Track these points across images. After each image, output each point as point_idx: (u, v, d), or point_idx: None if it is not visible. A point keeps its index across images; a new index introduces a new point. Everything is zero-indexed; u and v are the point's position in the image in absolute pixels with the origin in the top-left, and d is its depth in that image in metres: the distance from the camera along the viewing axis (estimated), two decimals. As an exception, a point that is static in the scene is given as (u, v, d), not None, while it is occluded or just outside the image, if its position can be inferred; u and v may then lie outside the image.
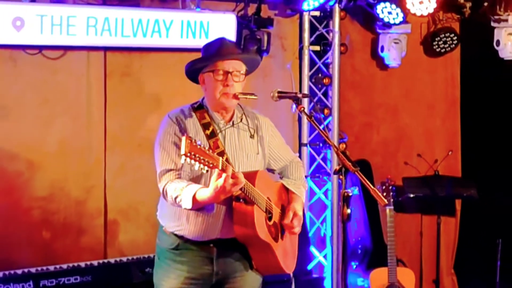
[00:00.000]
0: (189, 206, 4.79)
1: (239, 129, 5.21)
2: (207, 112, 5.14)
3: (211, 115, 5.14)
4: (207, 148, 4.57)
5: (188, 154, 4.43)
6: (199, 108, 5.19)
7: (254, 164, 5.16)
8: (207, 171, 4.59)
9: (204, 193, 4.75)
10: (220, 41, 5.24)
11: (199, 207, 4.84)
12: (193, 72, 5.20)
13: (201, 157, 4.49)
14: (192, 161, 4.47)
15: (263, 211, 5.08)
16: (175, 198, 4.86)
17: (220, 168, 4.58)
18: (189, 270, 5.13)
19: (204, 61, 5.15)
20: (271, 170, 5.47)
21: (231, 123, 5.17)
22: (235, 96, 5.06)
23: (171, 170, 4.99)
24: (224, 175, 4.59)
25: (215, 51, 5.14)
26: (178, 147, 4.89)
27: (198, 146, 4.49)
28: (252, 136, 5.22)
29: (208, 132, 5.07)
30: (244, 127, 5.23)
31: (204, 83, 5.15)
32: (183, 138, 4.45)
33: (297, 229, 5.31)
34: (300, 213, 5.33)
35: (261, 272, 5.31)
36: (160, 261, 5.29)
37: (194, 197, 4.77)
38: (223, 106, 5.10)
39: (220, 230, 5.05)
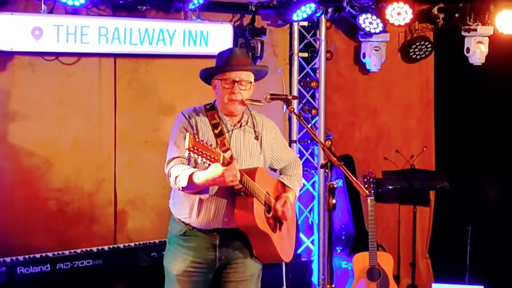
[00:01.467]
0: (184, 184, 4.80)
1: (245, 130, 5.22)
2: (217, 114, 5.16)
3: (220, 116, 5.16)
4: (209, 144, 4.60)
5: (192, 149, 4.46)
6: (211, 109, 5.21)
7: (256, 163, 5.18)
8: (209, 164, 4.63)
9: (201, 176, 4.76)
10: (231, 52, 5.24)
11: (193, 188, 4.85)
12: (207, 76, 5.23)
13: (204, 152, 4.51)
14: (195, 155, 4.50)
15: (262, 204, 5.09)
16: (176, 177, 4.89)
17: (221, 162, 4.61)
18: (194, 255, 5.14)
19: (216, 69, 5.17)
20: (273, 170, 5.50)
21: (238, 125, 5.19)
22: (242, 102, 5.08)
23: (178, 157, 5.01)
24: (223, 168, 4.63)
25: (226, 61, 5.15)
26: None
27: (201, 142, 4.52)
28: (256, 138, 5.24)
29: (216, 131, 5.09)
30: (250, 129, 5.25)
31: (215, 88, 5.17)
32: (187, 134, 4.48)
33: (287, 214, 5.29)
34: (292, 201, 5.34)
35: (261, 259, 5.32)
36: (170, 245, 5.29)
37: (190, 177, 4.78)
38: (230, 111, 5.13)
39: (221, 220, 5.07)
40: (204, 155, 4.53)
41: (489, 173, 8.98)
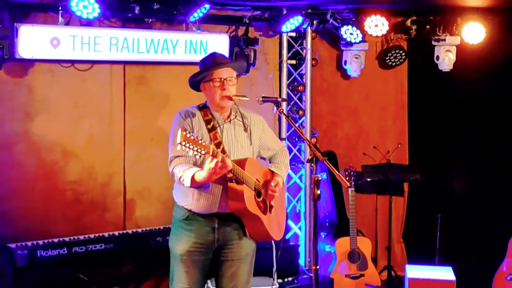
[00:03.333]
0: (188, 184, 4.90)
1: (235, 124, 5.27)
2: (209, 111, 5.21)
3: (212, 113, 5.21)
4: (200, 138, 4.65)
5: (183, 143, 4.53)
6: (203, 108, 5.26)
7: (246, 153, 5.24)
8: (200, 156, 4.69)
9: (200, 174, 4.84)
10: (213, 55, 5.32)
11: (197, 185, 4.95)
12: (195, 83, 5.28)
13: (194, 146, 4.57)
14: (187, 149, 4.56)
15: (252, 190, 5.14)
16: (179, 178, 4.95)
17: (210, 154, 4.67)
18: (196, 236, 5.20)
19: (202, 73, 5.21)
20: (263, 158, 5.54)
21: (228, 120, 5.24)
22: (230, 98, 5.14)
23: (178, 156, 5.06)
24: (215, 160, 4.68)
25: (210, 63, 5.22)
26: None
27: (192, 137, 4.58)
28: (245, 130, 5.28)
29: (209, 126, 5.14)
30: (239, 123, 5.29)
31: (205, 90, 5.22)
32: (179, 130, 4.54)
33: (276, 193, 5.36)
34: (281, 183, 5.39)
35: (254, 239, 5.37)
36: (174, 229, 5.33)
37: (192, 177, 4.86)
38: (222, 107, 5.18)
39: (218, 205, 5.12)
40: (194, 149, 4.59)
41: (456, 167, 9.02)
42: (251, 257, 5.43)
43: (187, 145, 4.56)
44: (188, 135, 4.57)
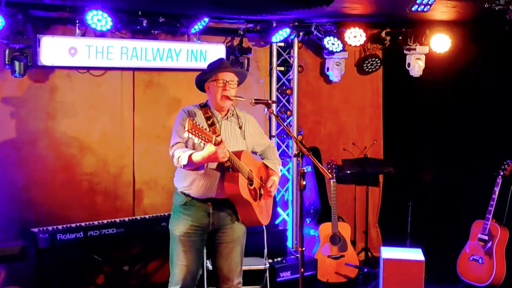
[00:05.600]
0: (185, 162, 4.94)
1: (231, 122, 5.34)
2: (209, 109, 5.28)
3: (212, 111, 5.28)
4: (204, 128, 4.74)
5: (190, 131, 4.61)
6: (204, 106, 5.32)
7: (240, 147, 5.31)
8: (204, 144, 4.76)
9: (198, 155, 4.90)
10: (221, 60, 5.41)
11: (192, 165, 4.98)
12: (201, 83, 5.35)
13: (199, 133, 4.67)
14: (193, 136, 4.64)
15: (246, 178, 5.21)
16: (178, 157, 5.00)
17: (213, 142, 4.76)
18: (193, 220, 5.26)
19: (209, 72, 5.29)
20: (255, 153, 5.60)
21: (226, 117, 5.32)
22: (229, 98, 5.22)
23: (179, 142, 5.13)
24: (215, 147, 4.78)
25: (217, 66, 5.30)
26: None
27: (198, 126, 4.67)
28: (240, 128, 5.36)
29: (209, 122, 5.19)
30: (235, 121, 5.36)
31: (209, 89, 5.30)
32: (187, 120, 4.63)
33: (273, 193, 5.49)
34: (276, 183, 5.49)
35: (245, 223, 5.43)
36: (174, 213, 5.40)
37: (190, 156, 4.92)
38: (221, 106, 5.25)
39: (215, 191, 5.19)
40: (200, 136, 4.68)
41: (425, 160, 9.06)
42: (242, 239, 5.49)
43: (195, 132, 4.64)
44: (195, 124, 4.66)
